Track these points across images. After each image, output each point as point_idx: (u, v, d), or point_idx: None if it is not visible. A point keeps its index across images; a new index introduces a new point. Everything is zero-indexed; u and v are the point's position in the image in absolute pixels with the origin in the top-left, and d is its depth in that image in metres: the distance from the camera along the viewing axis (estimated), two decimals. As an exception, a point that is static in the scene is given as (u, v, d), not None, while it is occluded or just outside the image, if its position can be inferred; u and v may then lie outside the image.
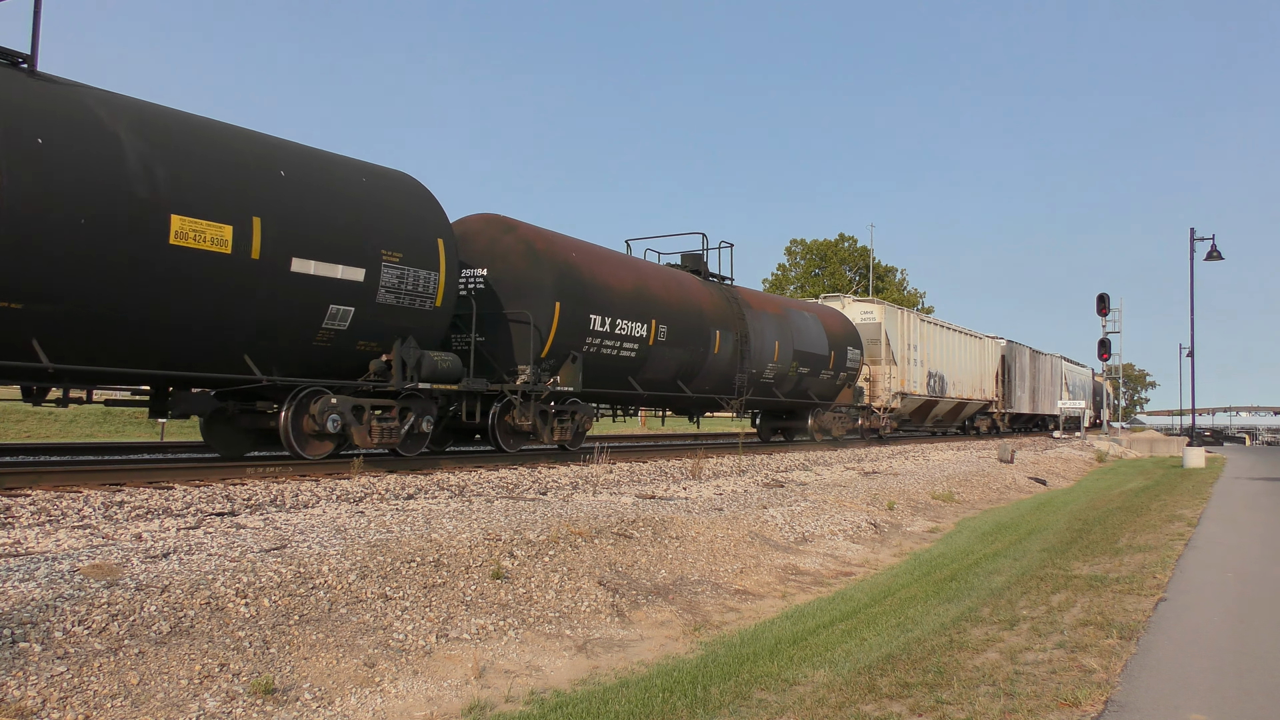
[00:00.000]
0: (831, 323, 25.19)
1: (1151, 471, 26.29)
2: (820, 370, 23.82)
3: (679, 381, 18.19)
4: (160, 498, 8.51)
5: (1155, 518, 12.71)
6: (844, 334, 25.45)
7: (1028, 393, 45.76)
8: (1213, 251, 28.55)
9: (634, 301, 16.39)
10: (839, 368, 24.82)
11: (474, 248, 14.88)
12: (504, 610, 6.52)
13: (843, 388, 25.44)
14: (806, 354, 22.92)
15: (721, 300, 19.85)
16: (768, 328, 21.33)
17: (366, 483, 10.40)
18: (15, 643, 4.40)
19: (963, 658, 5.53)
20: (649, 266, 18.31)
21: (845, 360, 25.14)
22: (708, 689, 5.21)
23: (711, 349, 18.77)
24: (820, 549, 10.51)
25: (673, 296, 17.79)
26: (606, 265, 16.22)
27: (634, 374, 16.72)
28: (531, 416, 14.44)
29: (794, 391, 23.15)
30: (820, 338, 23.90)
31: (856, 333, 26.44)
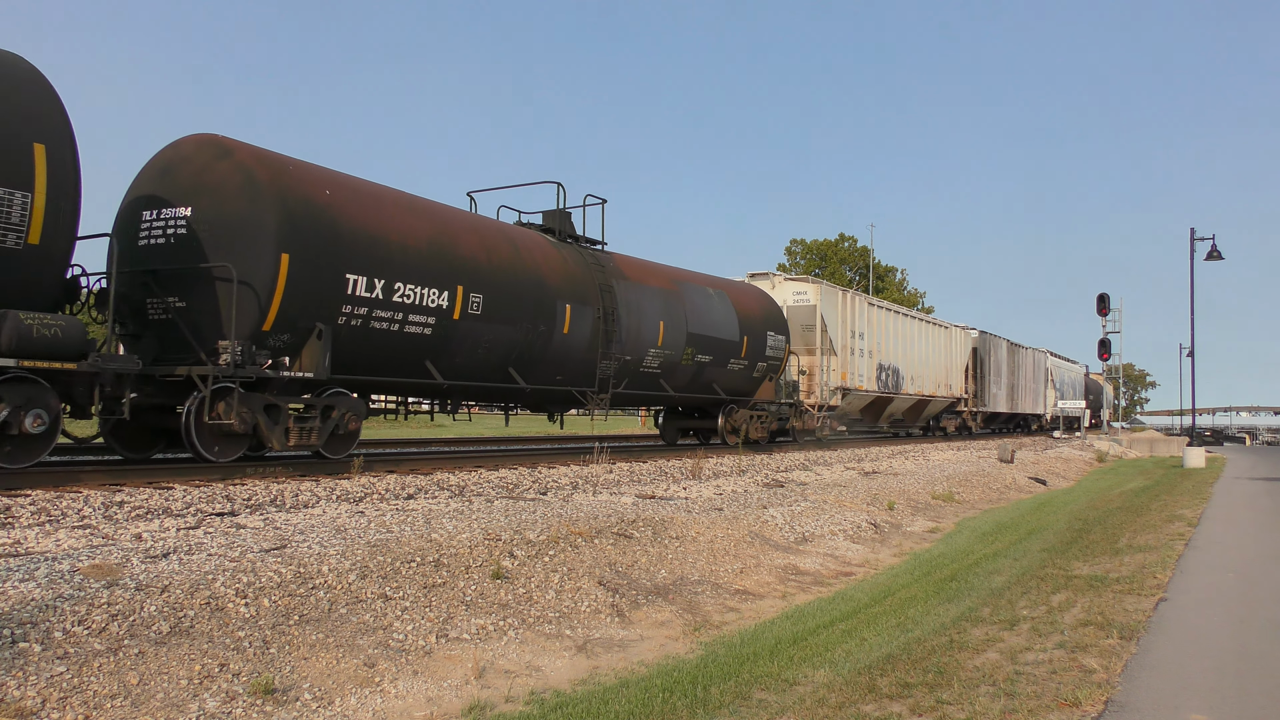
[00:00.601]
0: (746, 303, 20.57)
1: (1152, 471, 26.29)
2: (729, 360, 19.36)
3: (511, 369, 14.11)
4: (160, 498, 8.51)
5: (1155, 518, 12.71)
6: (763, 317, 20.87)
7: (1004, 389, 41.77)
8: (1213, 251, 28.55)
9: (428, 260, 12.27)
10: (755, 357, 20.36)
11: (178, 180, 10.89)
12: (504, 610, 6.52)
13: (762, 381, 20.78)
14: (707, 339, 18.51)
15: (579, 267, 15.53)
16: (650, 304, 16.94)
17: (366, 483, 10.40)
18: (15, 643, 4.40)
19: (963, 658, 5.53)
20: (461, 217, 13.86)
21: (764, 348, 20.61)
22: (708, 689, 5.21)
23: (559, 328, 14.66)
24: (820, 549, 10.51)
25: (496, 258, 13.57)
26: (383, 210, 12.04)
27: (433, 357, 12.67)
28: (250, 413, 10.46)
29: (692, 385, 18.71)
30: (729, 320, 19.45)
31: (781, 316, 21.93)
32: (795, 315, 23.77)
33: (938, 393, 33.38)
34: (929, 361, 32.52)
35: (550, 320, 14.60)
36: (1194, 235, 29.11)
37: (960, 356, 36.17)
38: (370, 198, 12.09)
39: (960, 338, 36.47)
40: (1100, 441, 41.26)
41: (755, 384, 20.84)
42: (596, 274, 15.90)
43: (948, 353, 34.69)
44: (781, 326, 21.64)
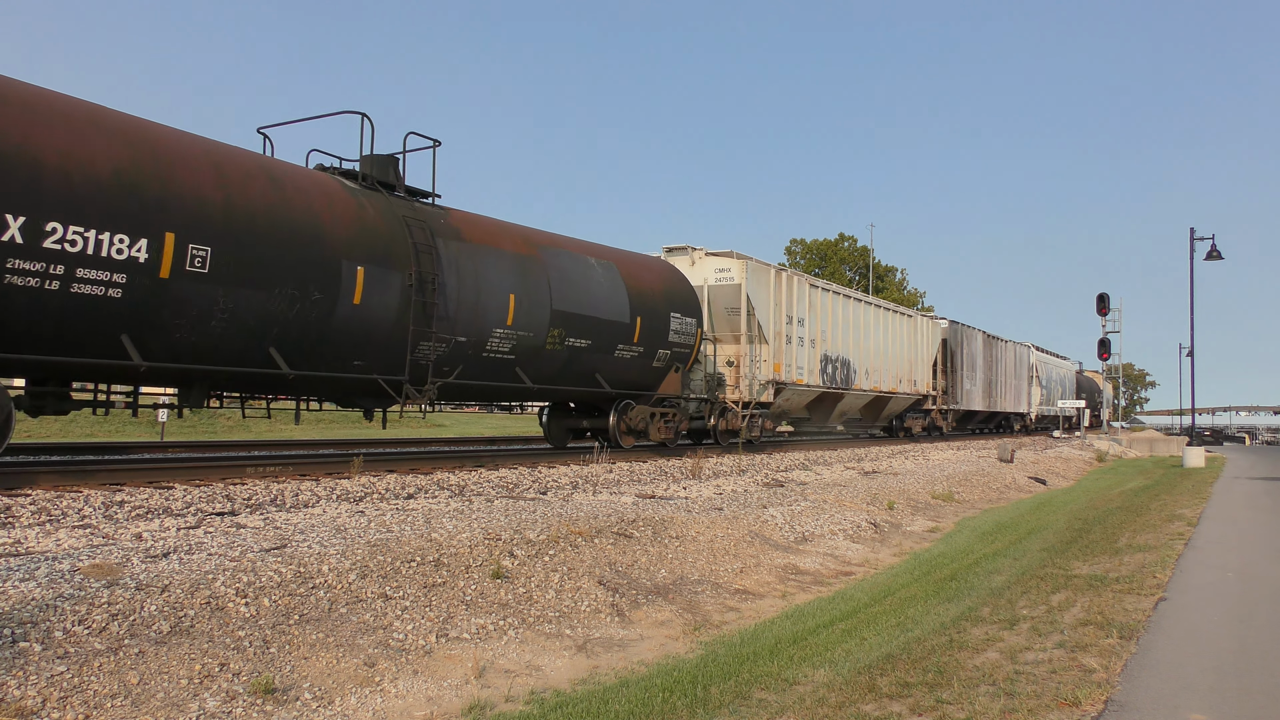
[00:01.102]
0: (643, 278, 16.88)
1: (1151, 471, 26.29)
2: (616, 345, 15.80)
3: (273, 350, 10.69)
4: (160, 497, 8.51)
5: (1155, 517, 12.71)
6: (665, 295, 17.18)
7: (980, 386, 37.87)
8: (1213, 251, 28.55)
9: (113, 195, 8.99)
10: (654, 342, 16.73)
11: None
12: (504, 610, 6.52)
13: (666, 372, 17.25)
14: (583, 319, 14.96)
15: (382, 220, 11.87)
16: (495, 273, 13.45)
17: (366, 482, 10.40)
18: (15, 642, 4.40)
19: (963, 657, 5.53)
20: (185, 143, 10.16)
21: (666, 332, 16.97)
22: (708, 689, 5.21)
23: (345, 297, 11.17)
24: (820, 548, 10.51)
25: (241, 199, 10.20)
26: (35, 119, 8.71)
27: (134, 331, 9.38)
28: None
29: (564, 375, 15.12)
30: (615, 297, 15.83)
31: (693, 295, 18.27)
32: (718, 296, 20.47)
33: (899, 389, 29.69)
34: (888, 353, 28.75)
35: (330, 286, 10.96)
36: (1194, 235, 29.12)
37: (927, 349, 32.35)
38: (18, 103, 8.68)
39: (927, 328, 32.59)
40: (1100, 441, 41.28)
41: (656, 375, 17.22)
42: (413, 231, 12.09)
43: (912, 344, 30.84)
44: (692, 307, 17.94)
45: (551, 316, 14.39)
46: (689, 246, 20.96)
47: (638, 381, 16.88)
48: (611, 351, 15.86)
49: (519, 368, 14.12)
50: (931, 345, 32.94)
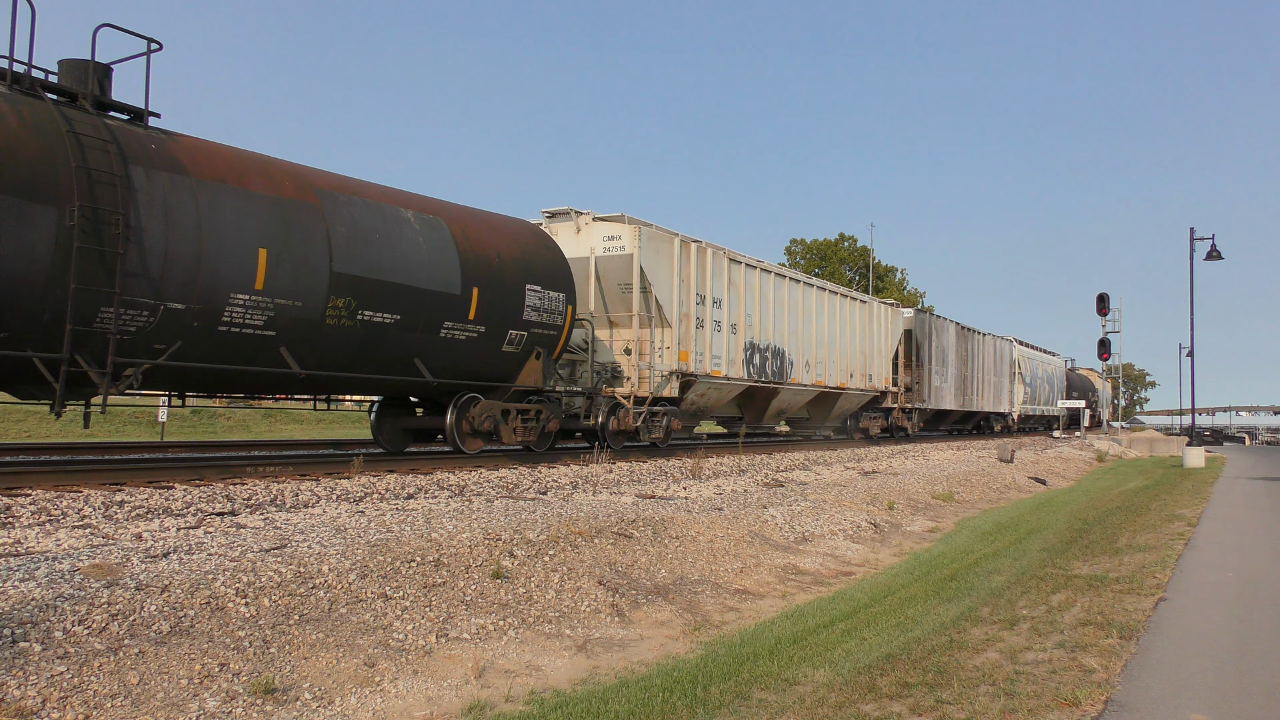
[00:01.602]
0: (484, 240, 13.39)
1: (1151, 471, 26.30)
2: (442, 323, 12.43)
3: None
4: (160, 497, 8.51)
5: (1155, 517, 12.71)
6: (519, 263, 13.80)
7: (952, 383, 33.91)
8: (1213, 251, 28.56)
9: None
10: (502, 321, 13.35)
11: None
12: (504, 610, 6.52)
13: (524, 359, 13.99)
14: (389, 287, 11.55)
15: (29, 133, 8.61)
16: (231, 217, 10.07)
17: (366, 482, 10.40)
18: (15, 642, 4.40)
19: (963, 657, 5.53)
20: None
21: (520, 309, 13.63)
22: (708, 689, 5.21)
23: None
24: (820, 549, 10.51)
25: None
26: None
27: None
28: None
29: (364, 359, 11.64)
30: (442, 262, 12.43)
31: (562, 266, 14.75)
32: (610, 270, 16.99)
33: (850, 384, 25.81)
34: (837, 344, 24.93)
35: None
36: (1194, 235, 29.13)
37: (886, 340, 28.68)
38: None
39: (885, 316, 28.76)
40: (1100, 441, 41.29)
41: (510, 363, 13.81)
42: (86, 153, 8.84)
43: (866, 334, 27.11)
44: (559, 279, 14.52)
45: (333, 281, 10.81)
46: (573, 210, 17.31)
47: (481, 370, 13.49)
48: (437, 330, 12.39)
49: (285, 348, 10.62)
50: (891, 336, 29.06)
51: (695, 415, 20.49)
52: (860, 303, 27.04)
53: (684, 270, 18.00)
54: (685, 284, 18.06)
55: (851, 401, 27.12)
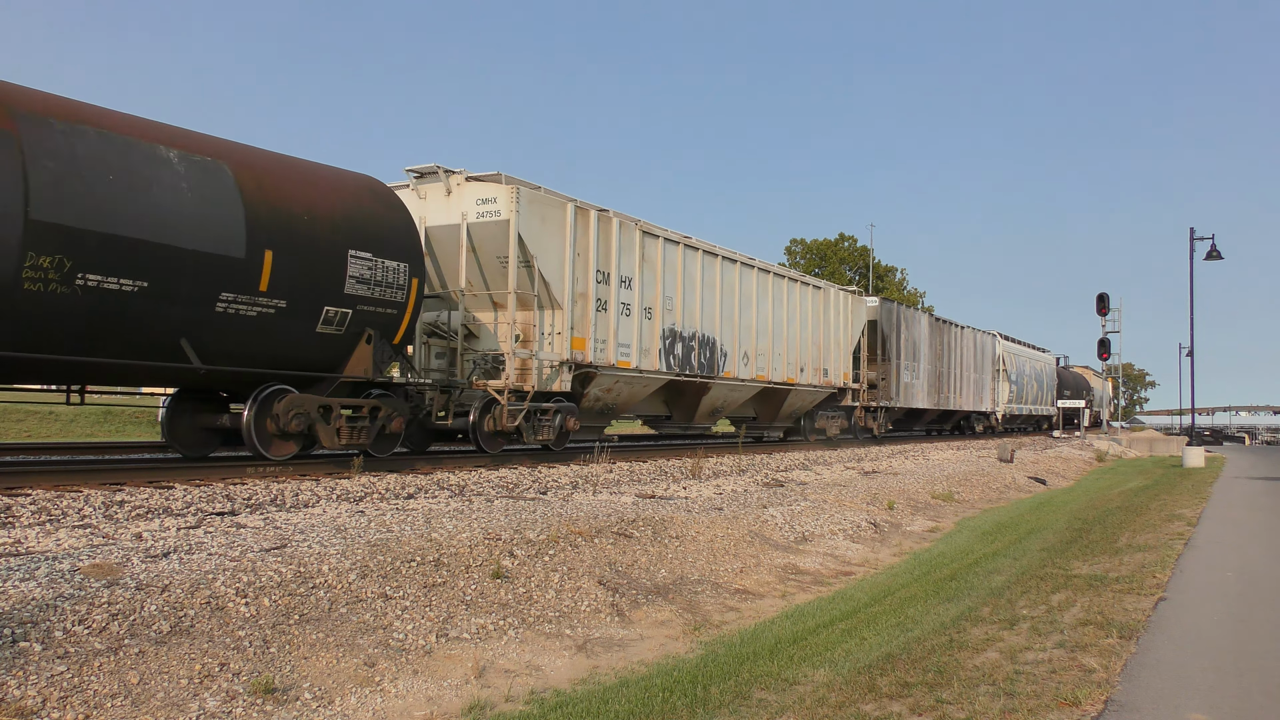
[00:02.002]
0: (286, 192, 10.76)
1: (1151, 471, 26.30)
2: (218, 294, 9.90)
3: None
4: (160, 497, 8.51)
5: (1155, 517, 12.72)
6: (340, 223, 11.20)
7: (925, 380, 30.98)
8: (1212, 251, 28.55)
9: None
10: (312, 295, 10.82)
11: None
12: (504, 610, 6.52)
13: (353, 343, 11.49)
14: (128, 243, 9.05)
15: None
16: None
17: (366, 482, 10.40)
18: (15, 642, 4.40)
19: (963, 657, 5.53)
20: None
21: (342, 281, 11.11)
22: (708, 688, 5.21)
23: None
24: (820, 548, 10.51)
25: None
26: None
27: None
28: None
29: (91, 338, 9.12)
30: (219, 213, 9.93)
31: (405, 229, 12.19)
32: (486, 239, 14.15)
33: (800, 379, 22.89)
34: (784, 334, 22.12)
35: None
36: (1194, 235, 29.13)
37: (846, 331, 25.74)
38: None
39: (845, 305, 25.80)
40: (1100, 441, 41.30)
41: (329, 348, 11.24)
42: None
43: (821, 324, 24.20)
44: (402, 247, 11.97)
45: (28, 232, 8.29)
46: (441, 168, 14.47)
47: (287, 356, 10.86)
48: (209, 304, 9.81)
49: None
50: (851, 327, 26.17)
51: (604, 413, 17.25)
52: (814, 289, 24.01)
53: (580, 242, 15.19)
54: (582, 258, 15.22)
55: (803, 399, 23.96)
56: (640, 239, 16.74)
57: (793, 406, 23.87)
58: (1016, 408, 43.47)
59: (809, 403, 24.68)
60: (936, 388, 32.41)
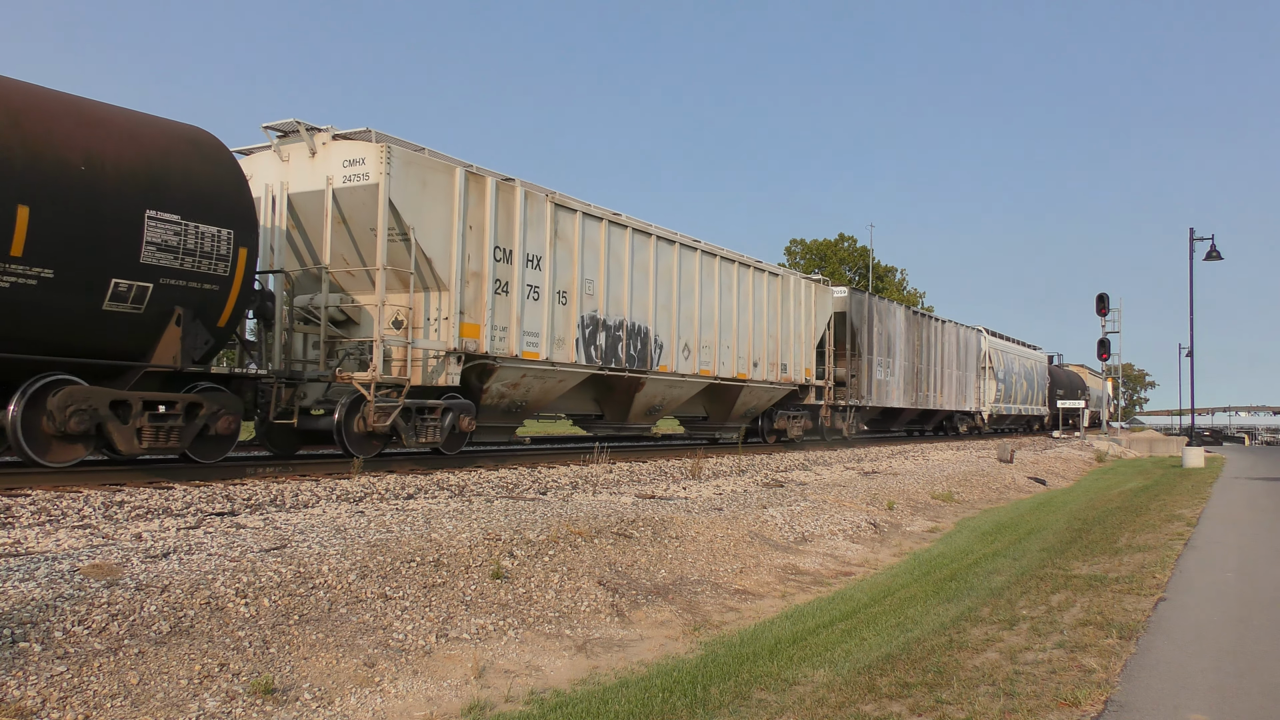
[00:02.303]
0: (59, 135, 8.84)
1: (1151, 471, 26.30)
2: None
3: None
4: (160, 498, 8.51)
5: (1155, 517, 12.72)
6: (137, 177, 9.33)
7: (902, 377, 28.81)
8: (1212, 251, 28.56)
9: None
10: (98, 264, 9.01)
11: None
12: (504, 610, 6.52)
13: (160, 325, 9.68)
14: None
15: None
16: None
17: (366, 482, 10.40)
18: (15, 642, 4.40)
19: (962, 657, 5.53)
20: None
21: (137, 247, 9.25)
22: (707, 689, 5.21)
23: None
24: (820, 549, 10.51)
25: None
26: None
27: None
28: None
29: None
30: None
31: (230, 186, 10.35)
32: (354, 208, 12.21)
33: (754, 375, 20.67)
34: (734, 325, 19.84)
35: None
36: (1193, 235, 29.13)
37: (809, 323, 23.34)
38: None
39: (809, 295, 23.35)
40: (1099, 441, 41.28)
41: (128, 330, 9.44)
42: None
43: (780, 315, 21.88)
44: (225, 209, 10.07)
45: None
46: (303, 124, 12.43)
47: (68, 340, 9.08)
48: None
49: None
50: (815, 318, 23.66)
51: (511, 412, 14.91)
52: (770, 275, 21.47)
53: (474, 214, 13.11)
54: (476, 233, 13.18)
55: (758, 397, 21.45)
56: (552, 213, 14.65)
57: (747, 405, 21.42)
58: (1004, 407, 41.11)
59: (765, 401, 22.12)
60: (915, 386, 30.28)
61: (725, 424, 21.63)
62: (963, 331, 36.25)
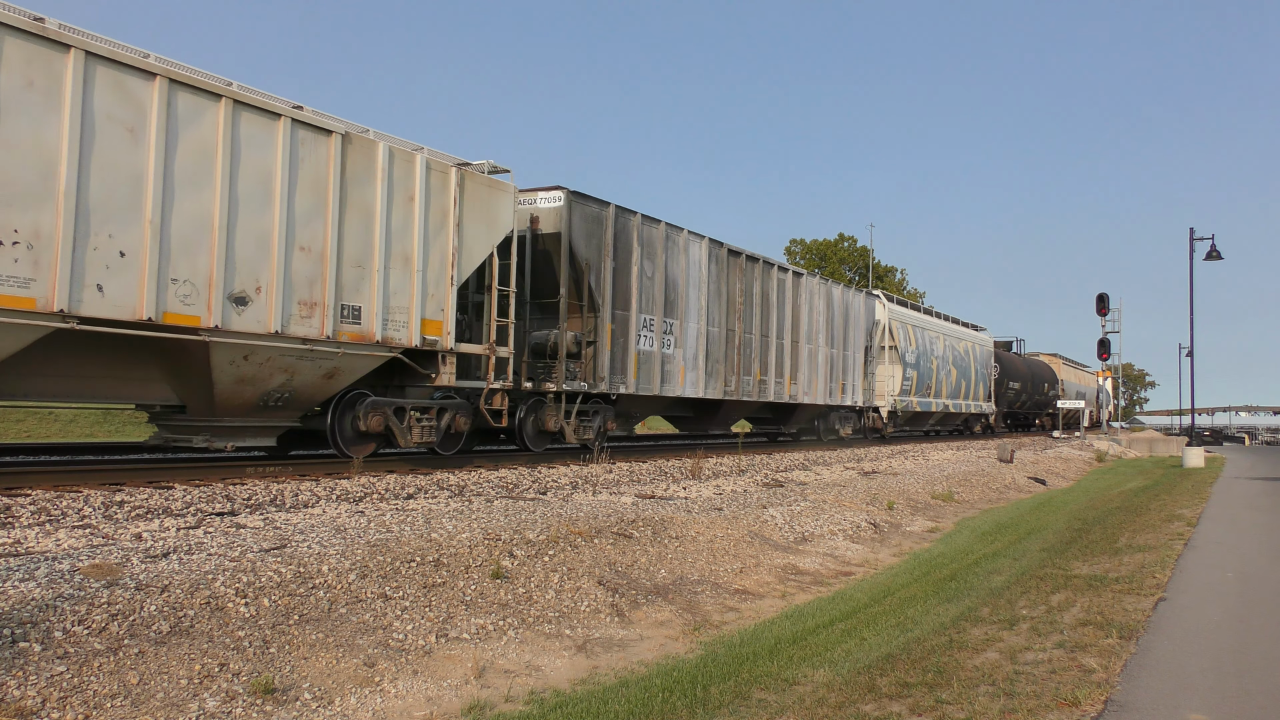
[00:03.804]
0: None
1: (1151, 471, 26.30)
2: None
3: None
4: (160, 497, 8.51)
5: (1155, 517, 12.72)
6: None
7: (704, 349, 18.77)
8: (1212, 251, 28.56)
9: None
10: None
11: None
12: (504, 610, 6.52)
13: None
14: None
15: None
16: None
17: (366, 482, 10.40)
18: (15, 642, 4.40)
19: (962, 657, 5.53)
20: None
21: None
22: (707, 689, 5.21)
23: None
24: (820, 549, 10.51)
25: None
26: None
27: None
28: None
29: None
30: None
31: None
32: None
33: (294, 329, 10.41)
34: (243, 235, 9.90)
35: None
36: (1194, 235, 29.13)
37: (454, 246, 12.57)
38: None
39: (445, 191, 12.50)
40: (1099, 441, 41.27)
41: None
42: None
43: (364, 222, 11.43)
44: None
45: None
46: None
47: None
48: None
49: None
50: (462, 235, 12.75)
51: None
52: (405, 154, 11.96)
53: None
54: None
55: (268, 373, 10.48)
56: None
57: (273, 390, 10.78)
58: (918, 402, 30.60)
59: (313, 380, 11.03)
60: (732, 364, 19.77)
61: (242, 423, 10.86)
62: (840, 294, 25.42)
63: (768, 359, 21.50)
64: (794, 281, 23.07)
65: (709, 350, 19.09)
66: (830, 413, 25.99)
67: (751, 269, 20.88)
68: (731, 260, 20.05)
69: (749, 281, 20.77)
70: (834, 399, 25.07)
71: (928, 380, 31.67)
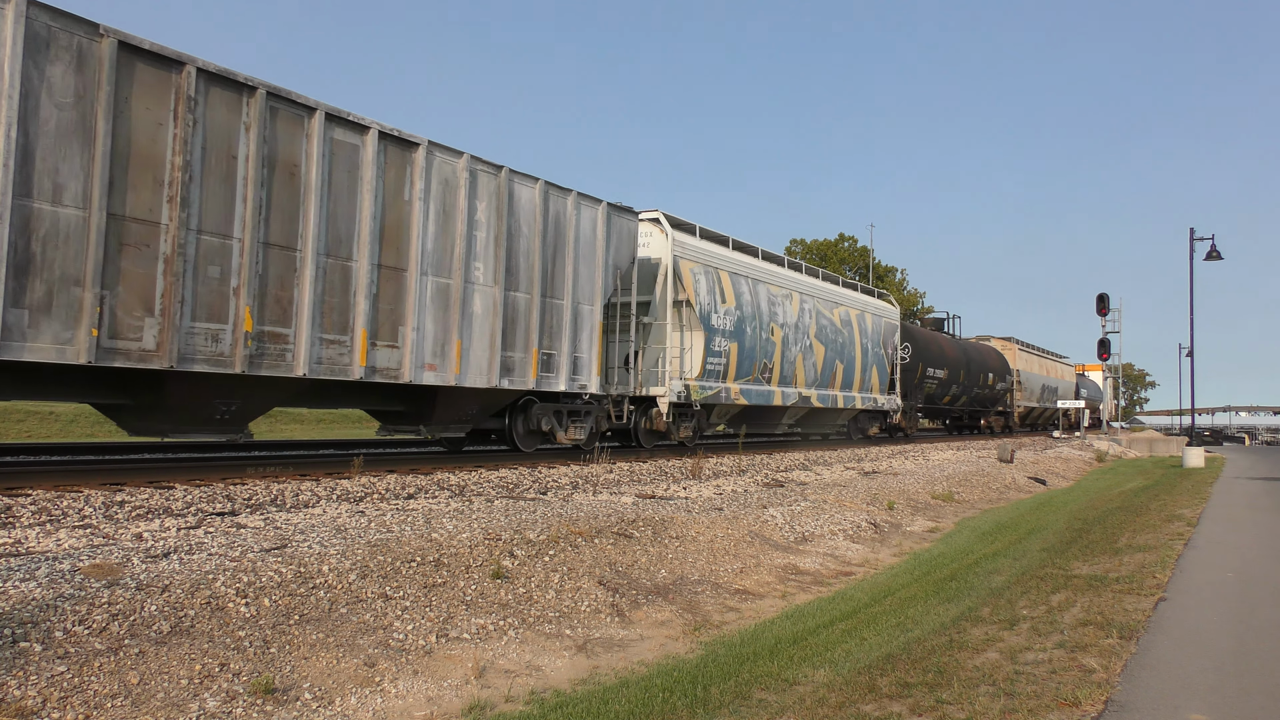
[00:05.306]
0: None
1: (1151, 471, 26.29)
2: None
3: None
4: (160, 497, 8.51)
5: (1155, 517, 12.71)
6: None
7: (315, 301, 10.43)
8: (1212, 251, 28.55)
9: None
10: None
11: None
12: (504, 610, 6.52)
13: None
14: None
15: None
16: None
17: (366, 482, 10.40)
18: (16, 642, 4.40)
19: (963, 657, 5.53)
20: None
21: None
22: (708, 689, 5.21)
23: None
24: (820, 549, 10.51)
25: None
26: None
27: None
28: None
29: None
30: None
31: None
32: None
33: None
34: None
35: None
36: (1194, 235, 29.13)
37: None
38: None
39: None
40: (1099, 441, 41.27)
41: None
42: None
43: None
44: None
45: None
46: None
47: None
48: None
49: None
50: None
51: None
52: None
53: None
54: None
55: None
56: None
57: None
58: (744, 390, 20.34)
59: None
60: (333, 317, 10.92)
61: None
62: (537, 195, 14.18)
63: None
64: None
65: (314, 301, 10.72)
66: (562, 397, 15.56)
67: (391, 153, 11.71)
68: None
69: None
70: (519, 378, 14.00)
71: (763, 358, 21.05)
